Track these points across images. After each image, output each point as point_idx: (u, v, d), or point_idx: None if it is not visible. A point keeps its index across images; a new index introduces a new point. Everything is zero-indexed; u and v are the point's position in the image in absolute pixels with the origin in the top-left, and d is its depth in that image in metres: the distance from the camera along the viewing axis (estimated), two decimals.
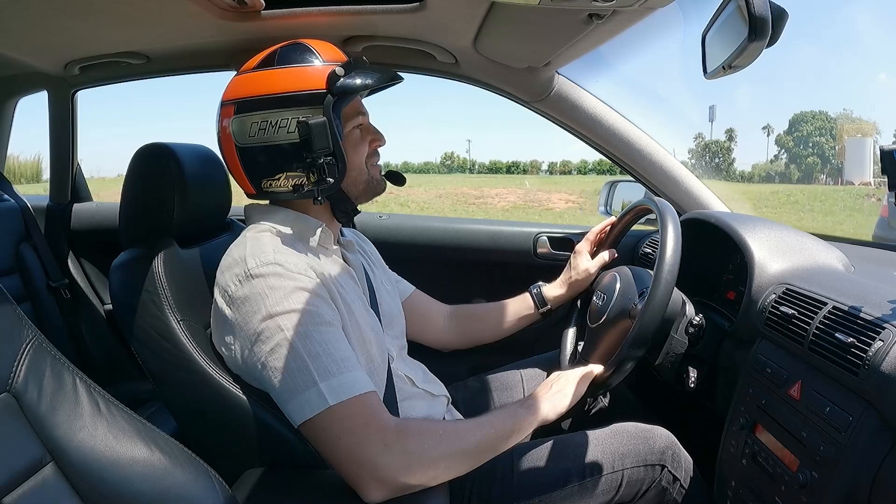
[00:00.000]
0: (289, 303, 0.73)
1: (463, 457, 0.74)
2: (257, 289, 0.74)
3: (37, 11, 0.99)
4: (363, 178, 0.88)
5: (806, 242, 0.96)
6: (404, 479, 0.69)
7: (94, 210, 1.67)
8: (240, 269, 0.76)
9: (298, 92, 0.80)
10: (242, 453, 0.81)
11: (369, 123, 0.90)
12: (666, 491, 0.92)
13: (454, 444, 0.74)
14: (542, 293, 1.15)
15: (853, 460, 0.63)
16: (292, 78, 0.80)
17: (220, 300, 0.79)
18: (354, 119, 0.86)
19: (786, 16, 0.63)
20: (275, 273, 0.75)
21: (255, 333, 0.73)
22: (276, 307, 0.73)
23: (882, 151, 0.62)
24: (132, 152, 0.94)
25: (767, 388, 0.79)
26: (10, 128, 1.71)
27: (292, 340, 0.71)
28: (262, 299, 0.73)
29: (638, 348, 0.87)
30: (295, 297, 0.74)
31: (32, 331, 0.61)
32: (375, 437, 0.69)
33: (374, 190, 0.91)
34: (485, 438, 0.76)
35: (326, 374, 0.70)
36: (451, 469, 0.73)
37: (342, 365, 0.72)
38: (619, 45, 0.98)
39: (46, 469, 0.56)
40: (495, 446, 0.78)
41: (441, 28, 1.08)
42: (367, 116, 0.90)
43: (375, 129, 0.90)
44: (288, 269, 0.75)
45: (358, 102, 0.88)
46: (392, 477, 0.69)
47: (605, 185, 1.60)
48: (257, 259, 0.76)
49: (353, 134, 0.87)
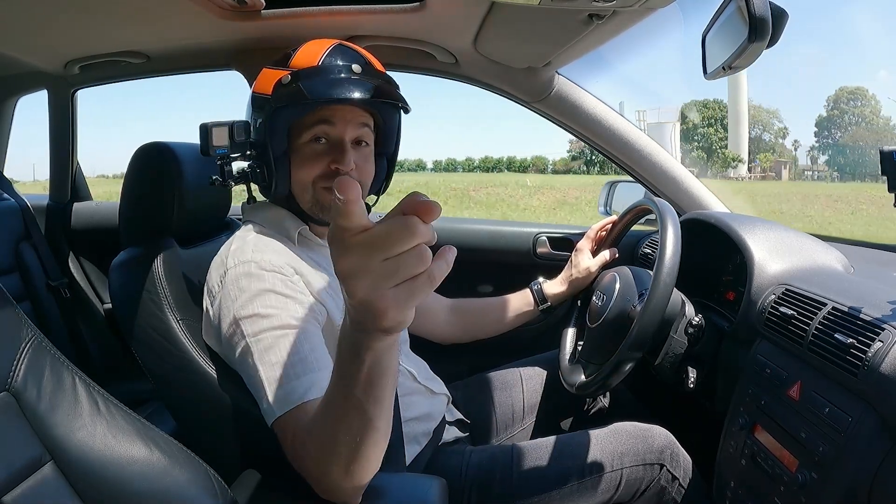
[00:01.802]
0: (253, 306, 0.72)
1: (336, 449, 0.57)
2: (229, 289, 0.74)
3: (37, 11, 0.99)
4: (307, 196, 0.82)
5: (805, 243, 0.96)
6: (322, 490, 0.61)
7: (93, 209, 1.67)
8: (222, 270, 0.77)
9: (254, 94, 0.82)
10: (242, 453, 0.81)
11: (339, 140, 0.80)
12: (665, 490, 0.92)
13: (318, 439, 0.59)
14: (543, 290, 1.15)
15: (852, 461, 0.63)
16: (261, 80, 0.82)
17: (206, 300, 0.80)
18: (312, 129, 0.79)
19: (786, 16, 0.63)
20: (246, 273, 0.74)
21: (227, 337, 0.74)
22: (241, 311, 0.72)
23: (882, 153, 0.62)
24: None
25: (767, 388, 0.79)
26: (10, 127, 1.71)
27: (252, 347, 0.70)
28: (232, 301, 0.73)
29: (636, 350, 0.87)
30: (260, 299, 0.72)
31: (32, 330, 0.61)
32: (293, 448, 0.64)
33: (320, 214, 0.83)
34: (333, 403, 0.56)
35: (276, 383, 0.68)
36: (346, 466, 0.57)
37: (291, 372, 0.68)
38: (619, 45, 0.98)
39: (45, 468, 0.56)
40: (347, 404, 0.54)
41: (441, 28, 1.08)
42: (340, 130, 0.80)
43: (341, 150, 0.80)
44: (261, 268, 0.74)
45: (323, 114, 0.79)
46: (323, 487, 0.61)
47: (604, 186, 1.59)
48: (235, 258, 0.76)
49: (305, 148, 0.80)
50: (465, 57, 1.20)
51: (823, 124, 32.85)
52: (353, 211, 0.38)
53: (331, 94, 0.76)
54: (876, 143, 24.68)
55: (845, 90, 40.17)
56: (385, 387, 0.51)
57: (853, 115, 31.45)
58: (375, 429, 0.54)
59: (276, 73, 0.79)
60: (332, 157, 0.80)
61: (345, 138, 0.80)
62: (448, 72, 1.29)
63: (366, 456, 0.56)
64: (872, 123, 29.76)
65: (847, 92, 39.43)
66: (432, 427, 0.95)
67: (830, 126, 33.21)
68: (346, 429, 0.54)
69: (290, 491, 0.75)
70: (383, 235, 0.38)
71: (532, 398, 1.14)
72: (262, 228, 0.84)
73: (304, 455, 0.61)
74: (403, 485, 0.71)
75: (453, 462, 0.93)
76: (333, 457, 0.57)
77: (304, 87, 0.76)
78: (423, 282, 0.39)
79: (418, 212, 0.38)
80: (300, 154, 0.81)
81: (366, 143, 0.84)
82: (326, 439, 0.57)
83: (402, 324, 0.42)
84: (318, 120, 0.80)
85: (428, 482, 0.71)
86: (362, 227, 0.39)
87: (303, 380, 0.68)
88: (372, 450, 0.56)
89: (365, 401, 0.51)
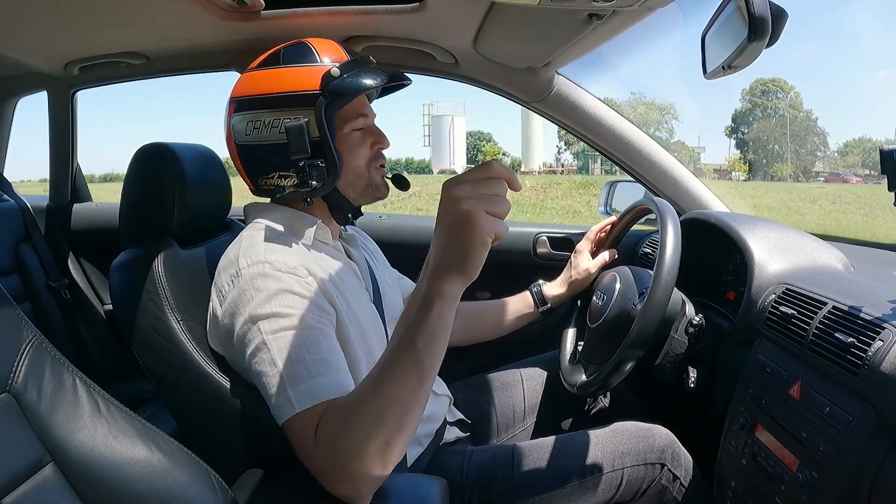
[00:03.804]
0: (270, 305, 0.72)
1: (384, 422, 0.60)
2: (244, 289, 0.74)
3: (37, 11, 0.99)
4: (362, 181, 0.86)
5: (806, 242, 0.96)
6: (343, 483, 0.62)
7: (93, 210, 1.67)
8: (233, 269, 0.77)
9: (291, 92, 0.80)
10: (242, 453, 0.81)
11: (373, 125, 0.88)
12: (666, 490, 0.92)
13: (364, 417, 0.61)
14: (543, 292, 1.15)
15: (853, 460, 0.63)
16: (289, 78, 0.81)
17: (215, 300, 0.79)
18: (354, 121, 0.84)
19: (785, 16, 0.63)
20: (262, 273, 0.74)
21: (241, 336, 0.73)
22: (258, 309, 0.72)
23: (882, 152, 0.62)
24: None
25: (767, 388, 0.79)
26: (10, 128, 1.71)
27: (270, 345, 0.70)
28: (247, 301, 0.73)
29: (637, 348, 0.87)
30: (277, 299, 0.72)
31: (32, 331, 0.61)
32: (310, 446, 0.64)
33: (374, 194, 0.89)
34: (388, 384, 0.60)
35: (296, 380, 0.68)
36: (386, 443, 0.60)
37: (314, 369, 0.69)
38: (619, 45, 0.98)
39: (46, 469, 0.56)
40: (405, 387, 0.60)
41: (441, 28, 1.08)
42: (371, 118, 0.88)
43: (379, 132, 0.88)
44: (276, 269, 0.75)
45: (359, 104, 0.86)
46: (335, 486, 0.63)
47: (604, 185, 1.59)
48: (248, 258, 0.76)
49: (351, 136, 0.85)
50: (464, 57, 1.20)
51: (738, 119, 30.71)
52: (489, 163, 0.57)
53: (379, 80, 0.81)
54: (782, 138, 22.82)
55: (760, 82, 37.13)
56: (443, 341, 0.60)
57: (768, 109, 29.20)
58: (425, 391, 0.61)
59: (312, 69, 0.80)
60: (373, 140, 0.87)
61: (374, 124, 0.88)
62: (448, 72, 1.29)
63: (409, 427, 0.61)
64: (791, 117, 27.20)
65: (762, 84, 36.30)
66: (434, 428, 0.95)
67: (742, 121, 30.97)
68: (401, 389, 0.60)
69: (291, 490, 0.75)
70: (490, 181, 0.56)
71: (533, 398, 1.14)
72: (271, 229, 0.83)
73: (333, 447, 0.62)
74: (405, 485, 0.71)
75: (454, 462, 0.93)
76: (376, 434, 0.60)
77: (355, 78, 0.79)
78: (501, 222, 0.56)
79: (504, 178, 0.56)
80: (348, 143, 0.84)
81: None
82: (373, 416, 0.60)
83: (483, 251, 0.56)
84: (356, 112, 0.85)
85: (429, 482, 0.71)
86: (481, 173, 0.56)
87: (326, 378, 0.69)
88: (415, 419, 0.62)
89: (425, 353, 0.59)
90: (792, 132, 24.65)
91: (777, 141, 24.09)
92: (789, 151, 24.27)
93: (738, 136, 28.71)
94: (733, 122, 29.77)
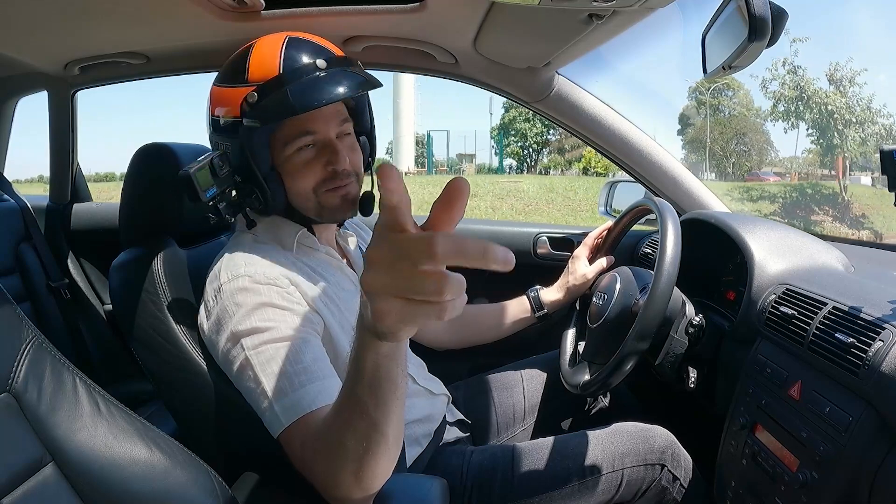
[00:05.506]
0: (251, 321, 0.71)
1: (346, 455, 0.56)
2: (226, 305, 0.73)
3: (37, 11, 0.99)
4: (310, 204, 0.80)
5: (806, 242, 0.96)
6: (335, 492, 0.61)
7: (93, 210, 1.67)
8: (216, 284, 0.76)
9: (218, 118, 0.78)
10: (242, 454, 0.81)
11: (327, 140, 0.78)
12: (666, 490, 0.92)
13: (330, 446, 0.59)
14: (540, 297, 1.15)
15: (853, 460, 0.63)
16: (215, 101, 0.79)
17: (202, 313, 0.78)
18: (298, 139, 0.76)
19: (786, 16, 0.63)
20: (241, 288, 0.73)
21: (225, 353, 0.73)
22: (239, 326, 0.71)
23: (882, 152, 0.62)
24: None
25: (767, 388, 0.79)
26: (10, 128, 1.71)
27: (252, 361, 0.69)
28: (229, 317, 0.72)
29: (642, 340, 0.87)
30: (257, 314, 0.71)
31: (32, 331, 0.61)
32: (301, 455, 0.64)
33: (331, 217, 0.83)
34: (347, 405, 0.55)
35: (280, 394, 0.67)
36: (354, 474, 0.57)
37: (296, 381, 0.67)
38: (619, 45, 0.98)
39: (46, 469, 0.56)
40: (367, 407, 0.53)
41: (441, 28, 1.08)
42: (325, 132, 0.77)
43: (333, 148, 0.77)
44: (256, 282, 0.73)
45: (304, 120, 0.75)
46: (333, 495, 0.61)
47: (604, 186, 1.59)
48: (229, 272, 0.75)
49: (297, 157, 0.77)
50: (464, 57, 1.20)
51: (683, 119, 29.67)
52: (393, 202, 0.36)
53: (308, 103, 0.72)
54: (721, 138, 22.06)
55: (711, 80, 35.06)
56: (388, 392, 0.50)
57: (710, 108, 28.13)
58: (382, 435, 0.53)
59: (235, 92, 0.74)
60: (326, 160, 0.78)
61: (331, 137, 0.78)
62: (448, 72, 1.29)
63: (374, 464, 0.55)
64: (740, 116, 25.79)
65: (710, 81, 33.92)
66: (433, 428, 0.95)
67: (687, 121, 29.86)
68: (353, 433, 0.54)
69: (290, 491, 0.75)
70: (413, 247, 0.36)
71: (533, 398, 1.14)
72: (255, 237, 0.82)
73: (315, 463, 0.61)
74: (404, 485, 0.71)
75: (454, 462, 0.93)
76: (343, 463, 0.56)
77: (274, 102, 0.72)
78: (431, 311, 0.37)
79: (446, 220, 0.37)
80: (291, 165, 0.78)
81: (347, 132, 0.82)
82: (336, 445, 0.57)
83: (394, 335, 0.41)
84: (299, 131, 0.76)
85: (429, 482, 0.71)
86: (399, 225, 0.37)
87: (309, 388, 0.67)
88: (381, 459, 0.55)
89: (369, 402, 0.51)
90: (737, 131, 23.88)
91: (716, 141, 23.51)
92: (731, 152, 23.94)
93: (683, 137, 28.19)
94: (679, 122, 29.17)
